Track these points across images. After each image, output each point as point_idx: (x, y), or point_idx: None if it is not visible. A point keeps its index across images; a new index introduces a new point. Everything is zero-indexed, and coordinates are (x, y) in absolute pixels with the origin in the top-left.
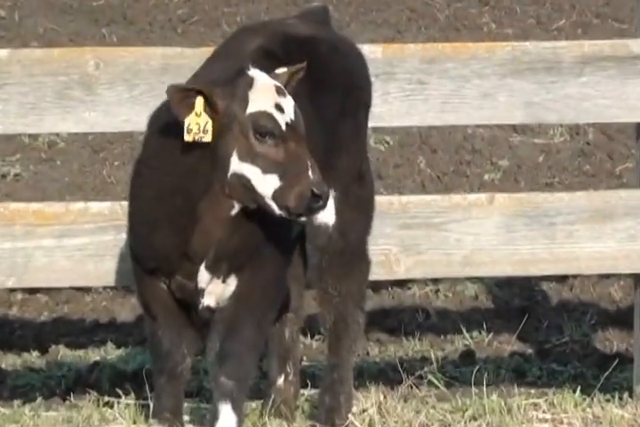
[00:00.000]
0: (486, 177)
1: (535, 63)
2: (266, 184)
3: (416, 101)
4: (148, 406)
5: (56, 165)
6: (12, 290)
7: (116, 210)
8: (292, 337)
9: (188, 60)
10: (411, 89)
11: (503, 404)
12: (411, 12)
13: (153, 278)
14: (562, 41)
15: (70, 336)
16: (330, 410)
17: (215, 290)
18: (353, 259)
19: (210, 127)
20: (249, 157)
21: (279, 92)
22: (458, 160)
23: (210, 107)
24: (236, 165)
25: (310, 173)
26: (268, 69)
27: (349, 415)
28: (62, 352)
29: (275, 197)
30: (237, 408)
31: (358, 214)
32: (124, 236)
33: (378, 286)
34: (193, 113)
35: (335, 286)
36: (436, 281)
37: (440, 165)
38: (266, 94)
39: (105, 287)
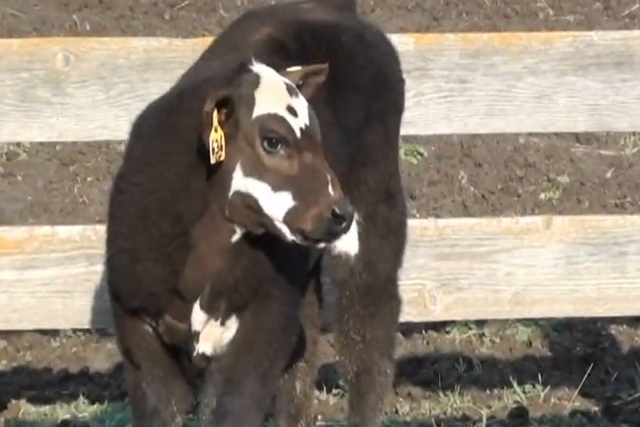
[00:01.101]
0: (542, 196)
1: (602, 57)
2: (276, 204)
3: (456, 104)
4: None
5: (17, 180)
6: None
7: (89, 236)
8: (304, 391)
9: (176, 53)
10: (449, 89)
11: None
12: None
13: (136, 319)
14: (635, 30)
15: (34, 389)
16: None
17: (212, 334)
18: (380, 297)
19: (224, 142)
20: (256, 171)
21: (291, 91)
22: (507, 176)
23: (225, 115)
24: (240, 182)
25: (331, 189)
26: (278, 65)
27: None
28: (24, 409)
29: (287, 219)
30: None
31: (387, 242)
32: (98, 267)
33: (409, 330)
34: (212, 129)
35: (358, 329)
36: (480, 323)
37: (486, 182)
38: (275, 94)
39: (75, 330)
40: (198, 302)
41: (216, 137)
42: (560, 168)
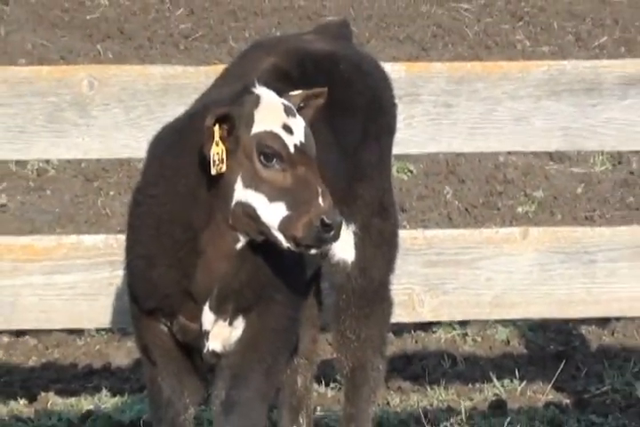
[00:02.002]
0: (520, 209)
1: (574, 84)
2: (272, 213)
3: (442, 126)
4: None
5: (46, 194)
6: None
7: (112, 244)
8: (304, 385)
9: (190, 79)
10: (436, 112)
11: None
12: (437, 27)
13: (152, 320)
14: (603, 60)
15: (61, 383)
16: None
17: (221, 333)
18: (374, 299)
19: (225, 156)
20: (254, 182)
21: (288, 111)
22: (488, 191)
23: (226, 131)
24: (241, 193)
25: (320, 200)
26: (282, 90)
27: None
28: (52, 400)
29: (281, 227)
30: None
31: (380, 251)
32: (119, 272)
33: (400, 330)
34: (214, 143)
35: (354, 329)
36: (463, 324)
37: (469, 197)
38: (272, 113)
39: (99, 329)
40: (208, 303)
41: (217, 150)
42: (535, 184)
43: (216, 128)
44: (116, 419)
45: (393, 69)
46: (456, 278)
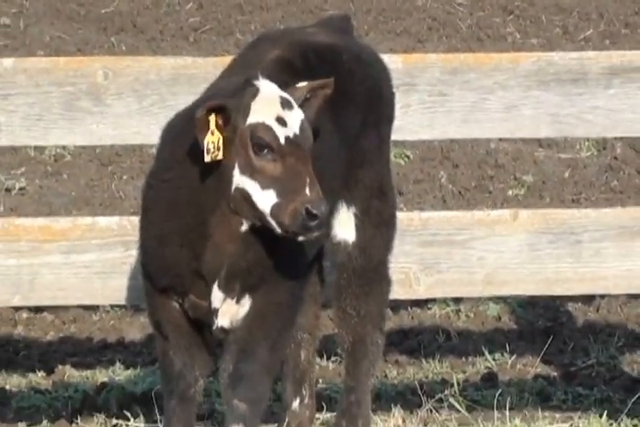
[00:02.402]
0: (510, 193)
1: (561, 74)
2: (264, 200)
3: (437, 114)
4: None
5: (63, 178)
6: (18, 308)
7: (125, 225)
8: (307, 359)
9: (199, 70)
10: (432, 101)
11: None
12: (432, 20)
13: (165, 297)
14: (589, 51)
15: (77, 356)
16: None
17: (229, 310)
18: (373, 278)
19: (221, 144)
20: (248, 170)
21: (284, 104)
22: (480, 175)
23: (222, 121)
24: (238, 179)
25: (307, 190)
26: (287, 81)
27: None
28: (69, 373)
29: (272, 213)
30: None
31: (379, 231)
32: (132, 252)
33: (397, 306)
34: (209, 132)
35: (354, 305)
36: (457, 301)
37: (462, 181)
38: (268, 106)
39: (113, 306)
40: (217, 283)
41: (212, 139)
42: (525, 169)
43: (212, 118)
44: (130, 390)
45: (390, 60)
46: (450, 258)
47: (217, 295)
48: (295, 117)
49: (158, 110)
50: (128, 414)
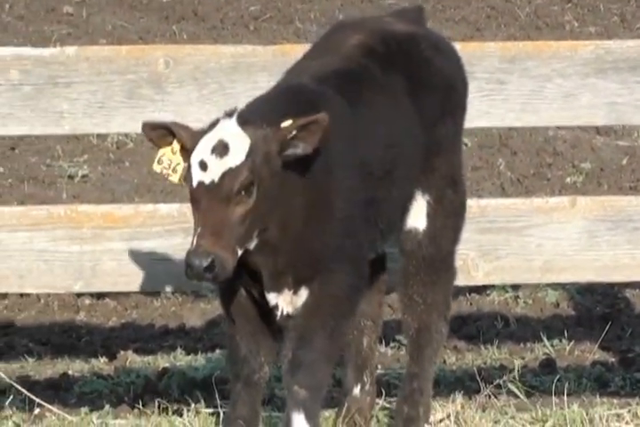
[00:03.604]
0: (568, 180)
1: (619, 62)
2: None
3: (496, 101)
4: (219, 414)
5: (125, 166)
6: (80, 295)
7: (185, 212)
8: (369, 346)
9: (259, 58)
10: (490, 89)
11: (585, 414)
12: (490, 9)
13: (232, 283)
14: None
15: (139, 342)
16: (408, 420)
17: (289, 300)
18: (441, 267)
19: (180, 169)
20: None
21: (216, 149)
22: (539, 163)
23: (185, 150)
24: None
25: (194, 239)
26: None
27: (425, 426)
28: (131, 358)
29: None
30: (311, 418)
31: (450, 221)
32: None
33: (456, 292)
34: (170, 148)
35: (421, 293)
36: (515, 287)
37: (520, 168)
38: (201, 148)
39: (174, 292)
40: (264, 285)
41: (171, 157)
42: (583, 156)
43: (176, 142)
44: (190, 376)
45: None
46: (508, 245)
47: (269, 296)
48: (220, 165)
49: (218, 98)
50: (189, 400)
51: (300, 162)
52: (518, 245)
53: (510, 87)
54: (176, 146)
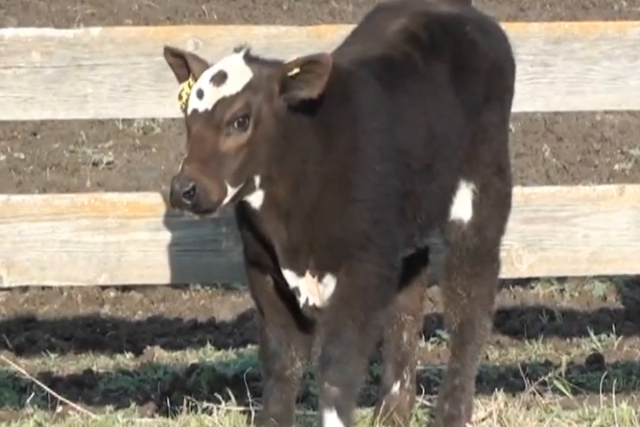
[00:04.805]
0: (616, 167)
1: None
2: None
3: (540, 85)
4: (250, 413)
5: (151, 152)
6: (105, 287)
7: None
8: (410, 341)
9: (293, 39)
10: (534, 72)
11: (634, 413)
12: None
13: (259, 270)
14: None
15: (166, 337)
16: (449, 419)
17: (313, 289)
18: (486, 259)
19: None
20: None
21: (215, 78)
22: (585, 149)
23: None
24: None
25: (181, 164)
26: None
27: (467, 425)
28: (158, 354)
29: None
30: (344, 416)
31: (496, 211)
32: (223, 229)
33: (499, 285)
34: (187, 82)
35: (465, 286)
36: (561, 280)
37: (566, 154)
38: (202, 77)
39: (203, 284)
40: (279, 261)
41: (188, 91)
42: (632, 142)
43: (191, 75)
44: (221, 373)
45: None
46: (553, 235)
47: (287, 274)
48: (215, 93)
49: None
50: (219, 397)
51: (317, 125)
52: (564, 235)
53: (555, 70)
54: (192, 80)
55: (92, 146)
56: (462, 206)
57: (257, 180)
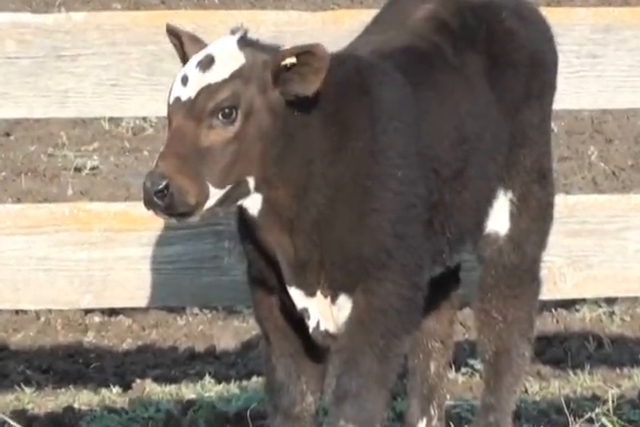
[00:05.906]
0: None
1: None
2: None
3: (587, 79)
4: None
5: (142, 156)
6: (88, 311)
7: (217, 212)
8: (437, 372)
9: (306, 26)
10: (580, 64)
11: None
12: None
13: (265, 290)
14: None
15: (159, 369)
16: None
17: (326, 311)
18: (525, 278)
19: None
20: None
21: (201, 63)
22: (638, 152)
23: None
24: None
25: (156, 160)
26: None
27: None
28: (149, 389)
29: None
30: None
31: (536, 224)
32: (225, 244)
33: (540, 308)
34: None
35: (501, 309)
36: (610, 301)
37: (616, 158)
38: (189, 62)
39: (202, 308)
40: (285, 278)
41: None
42: None
43: None
44: (221, 410)
45: None
46: (602, 250)
47: (293, 292)
48: (200, 79)
49: None
50: None
51: (327, 121)
52: (614, 250)
53: (604, 62)
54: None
55: (74, 149)
56: (498, 218)
57: (251, 182)
